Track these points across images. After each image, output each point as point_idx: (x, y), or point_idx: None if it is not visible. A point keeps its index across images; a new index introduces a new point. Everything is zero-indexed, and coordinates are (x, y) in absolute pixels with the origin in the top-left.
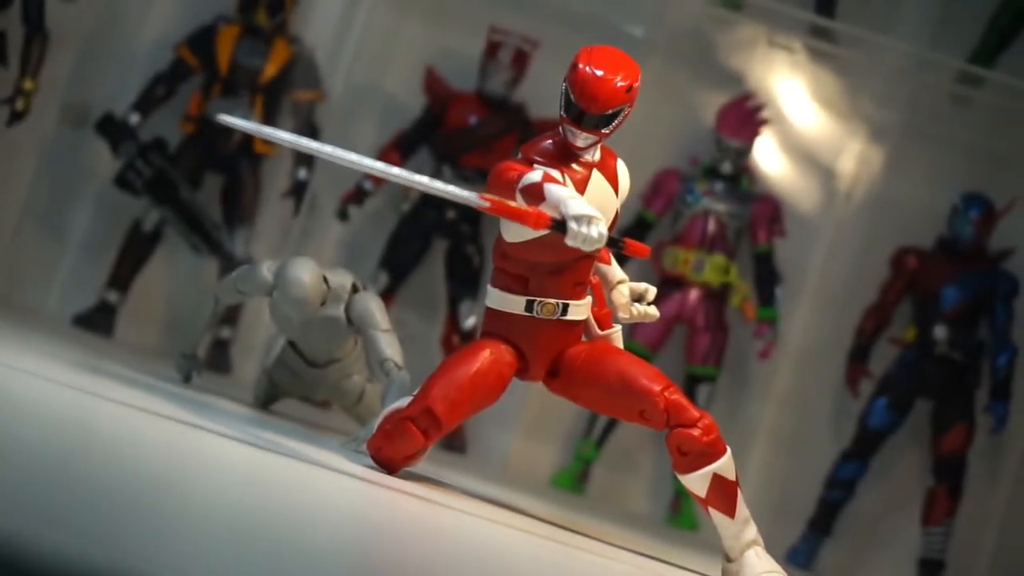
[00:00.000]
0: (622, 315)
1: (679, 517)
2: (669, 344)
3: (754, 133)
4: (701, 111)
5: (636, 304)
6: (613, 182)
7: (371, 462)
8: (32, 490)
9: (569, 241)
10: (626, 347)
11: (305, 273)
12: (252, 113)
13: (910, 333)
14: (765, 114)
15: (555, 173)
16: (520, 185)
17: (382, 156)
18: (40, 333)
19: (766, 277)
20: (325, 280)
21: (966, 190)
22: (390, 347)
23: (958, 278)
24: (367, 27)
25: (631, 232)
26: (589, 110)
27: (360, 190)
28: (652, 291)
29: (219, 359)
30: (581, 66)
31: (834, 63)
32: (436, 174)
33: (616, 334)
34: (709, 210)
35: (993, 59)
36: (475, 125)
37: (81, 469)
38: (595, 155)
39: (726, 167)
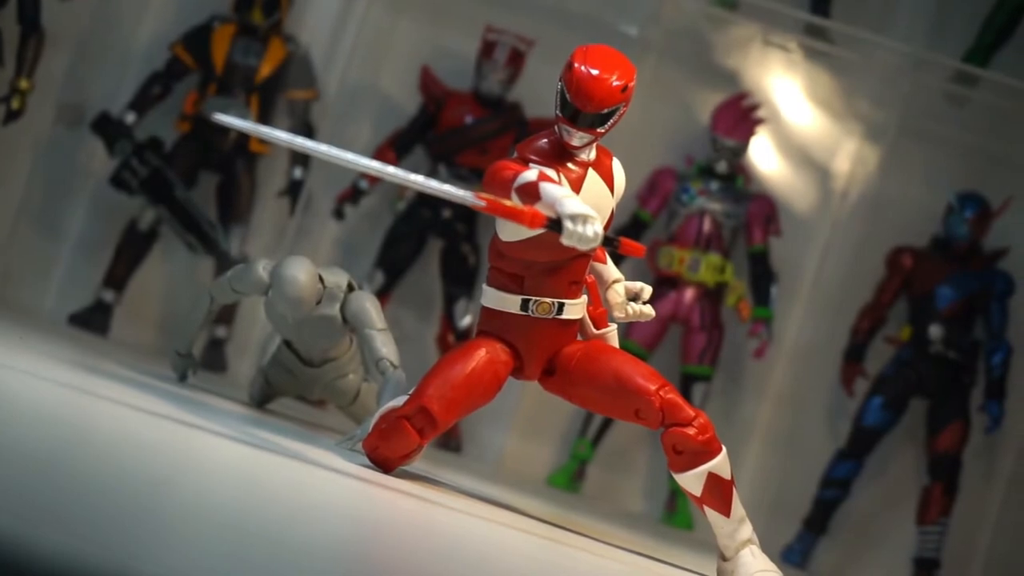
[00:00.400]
0: (617, 314)
1: (674, 516)
2: (664, 343)
3: (749, 132)
4: (696, 110)
5: (631, 303)
6: (609, 181)
7: (367, 461)
8: (27, 489)
9: (565, 240)
10: (621, 346)
11: (300, 272)
12: (248, 112)
13: (905, 332)
14: (760, 113)
15: (551, 172)
16: (516, 184)
17: (378, 155)
18: (36, 332)
19: (761, 276)
20: (320, 279)
21: (961, 189)
22: (386, 346)
23: (953, 277)
24: (363, 26)
25: (627, 231)
26: (584, 109)
27: (356, 189)
28: (647, 290)
29: (215, 358)
30: (576, 65)
31: (829, 62)
32: (432, 173)
33: (611, 333)
34: (704, 209)
35: (988, 58)
36: (471, 124)
37: (76, 468)
38: (591, 154)
39: (721, 166)
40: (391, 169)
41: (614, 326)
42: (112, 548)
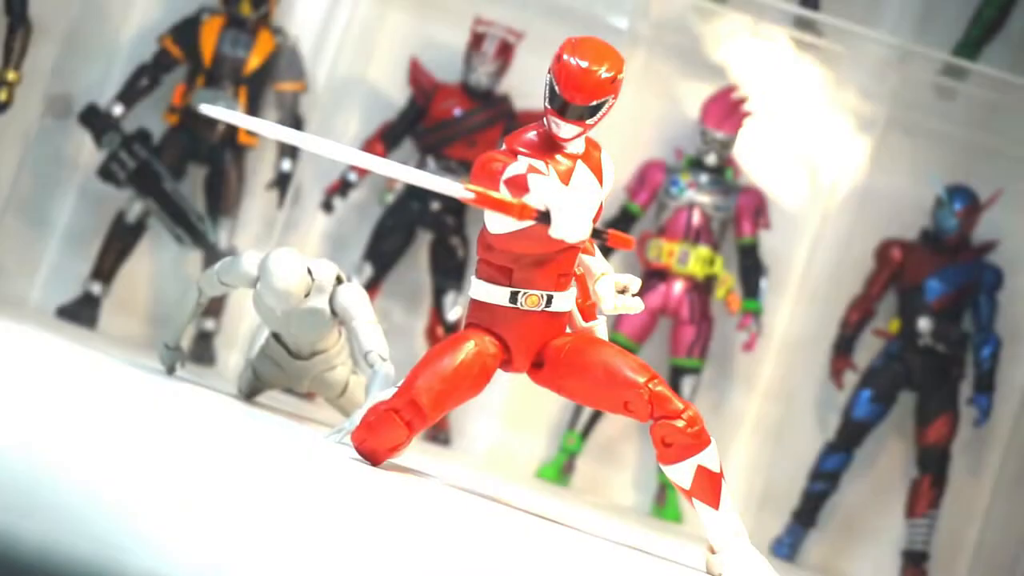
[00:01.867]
0: (606, 307)
1: (664, 509)
2: (654, 336)
3: (738, 125)
4: (686, 103)
5: (620, 296)
6: (597, 173)
7: (355, 454)
8: (13, 482)
9: (553, 233)
10: (611, 339)
11: (289, 265)
12: (236, 104)
13: (894, 325)
14: (749, 106)
15: (539, 164)
16: (504, 176)
17: (366, 147)
18: (23, 324)
19: (751, 269)
20: (309, 272)
21: (950, 182)
22: (374, 339)
23: (942, 270)
24: (351, 18)
25: (616, 224)
26: (573, 101)
27: (344, 181)
28: (636, 283)
29: (203, 351)
30: (565, 57)
31: (818, 55)
32: (421, 166)
33: (600, 326)
34: (694, 202)
35: (977, 51)
36: (460, 117)
37: (63, 461)
38: (579, 146)
39: (711, 159)
40: (380, 161)
41: (603, 319)
42: (98, 540)
